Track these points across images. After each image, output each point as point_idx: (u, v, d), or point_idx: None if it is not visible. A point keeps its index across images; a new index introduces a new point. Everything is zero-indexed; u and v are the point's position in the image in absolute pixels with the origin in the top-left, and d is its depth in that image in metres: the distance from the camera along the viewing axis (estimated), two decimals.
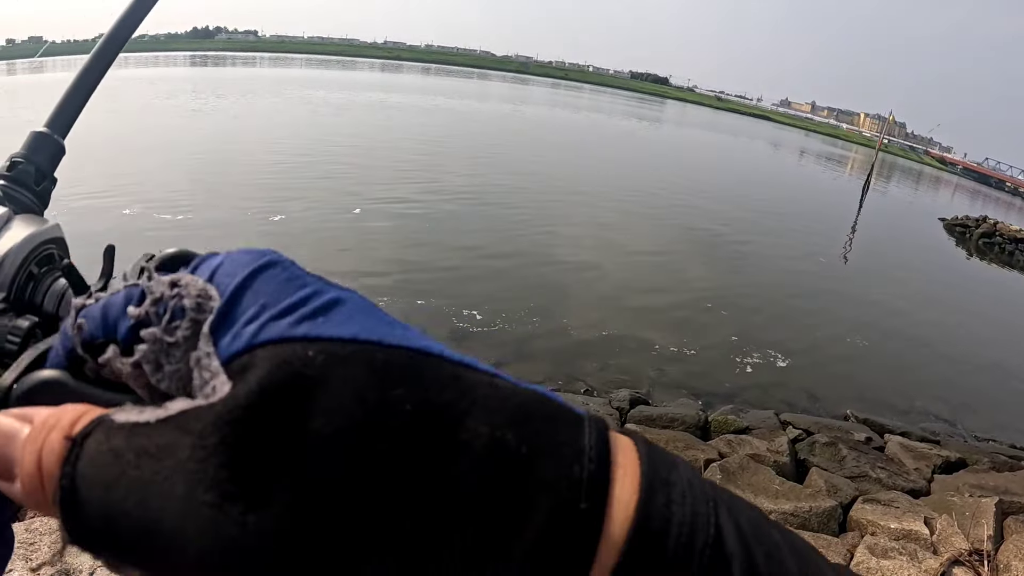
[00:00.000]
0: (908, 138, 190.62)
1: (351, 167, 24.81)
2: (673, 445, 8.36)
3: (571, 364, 11.66)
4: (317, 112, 40.72)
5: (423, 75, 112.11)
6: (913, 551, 6.31)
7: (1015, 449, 11.73)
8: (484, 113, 57.78)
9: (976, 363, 16.58)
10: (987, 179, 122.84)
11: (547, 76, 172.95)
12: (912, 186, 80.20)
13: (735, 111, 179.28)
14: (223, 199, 17.79)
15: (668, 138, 68.53)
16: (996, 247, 38.28)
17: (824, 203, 42.96)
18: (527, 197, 24.39)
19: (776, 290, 18.69)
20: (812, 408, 11.68)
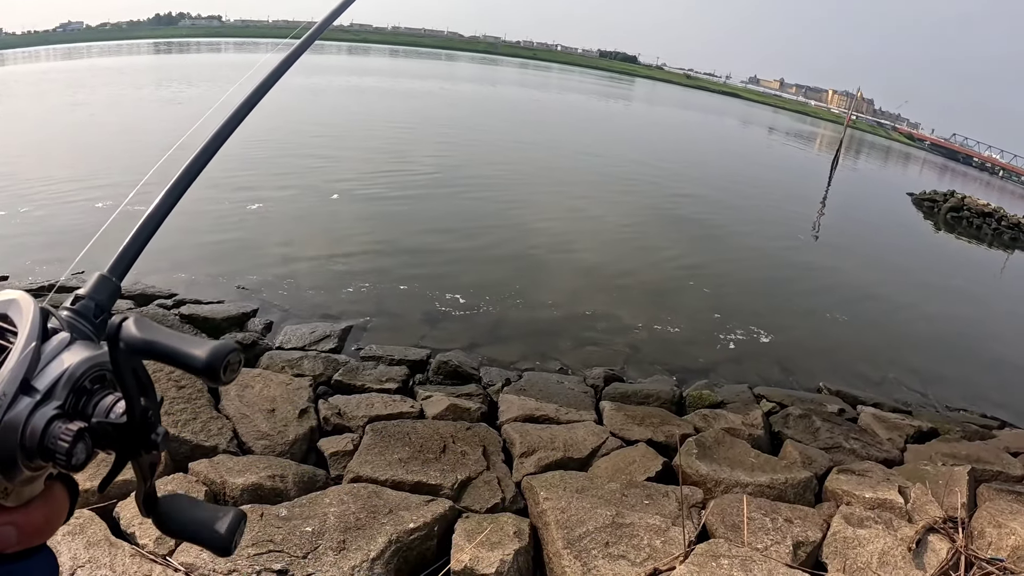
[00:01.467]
0: (876, 114, 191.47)
1: (327, 152, 24.61)
2: (649, 421, 8.34)
3: (546, 343, 11.60)
4: (289, 98, 40.32)
5: (391, 57, 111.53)
6: (888, 520, 6.31)
7: (986, 418, 11.83)
8: (454, 95, 57.51)
9: (946, 335, 16.72)
10: (955, 154, 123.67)
11: (515, 56, 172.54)
12: (881, 162, 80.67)
13: (704, 88, 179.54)
14: (196, 188, 17.42)
15: (638, 116, 68.59)
16: (964, 221, 38.65)
17: (793, 179, 43.13)
18: (502, 177, 24.30)
19: (749, 267, 18.72)
20: (786, 382, 11.70)
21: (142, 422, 0.85)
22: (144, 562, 4.58)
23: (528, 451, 7.05)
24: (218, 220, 15.29)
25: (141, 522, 4.94)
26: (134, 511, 5.04)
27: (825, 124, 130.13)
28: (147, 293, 10.61)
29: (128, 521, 4.98)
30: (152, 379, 0.89)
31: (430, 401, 8.16)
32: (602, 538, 5.53)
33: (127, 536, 4.90)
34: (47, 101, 35.43)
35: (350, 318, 11.21)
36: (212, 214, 15.62)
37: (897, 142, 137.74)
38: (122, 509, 5.09)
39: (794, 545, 5.81)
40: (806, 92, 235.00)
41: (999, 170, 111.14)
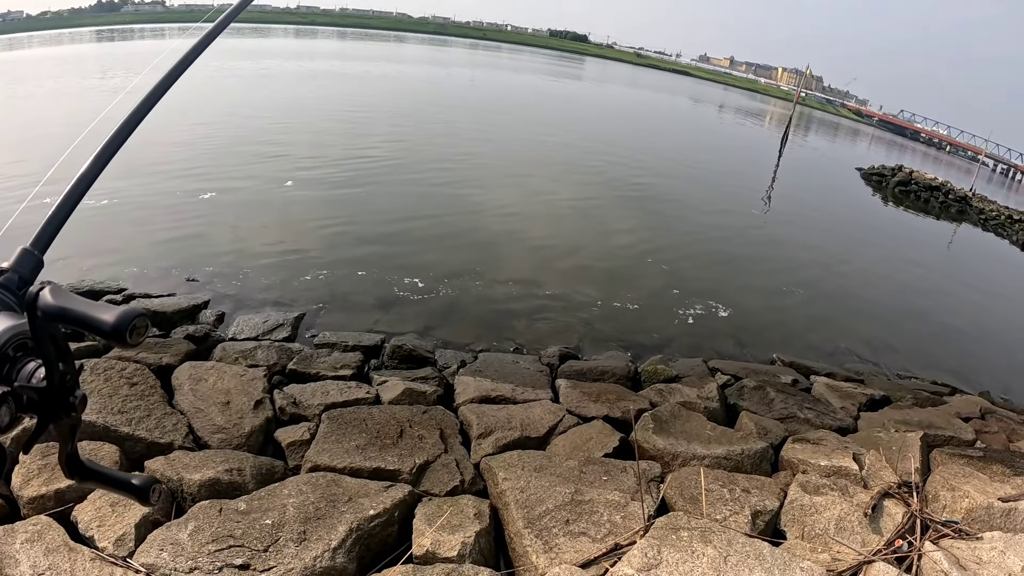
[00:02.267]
0: (825, 91, 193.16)
1: (279, 139, 24.22)
2: (605, 397, 8.36)
3: (501, 324, 11.59)
4: (239, 84, 39.76)
5: (340, 40, 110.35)
6: (844, 486, 6.38)
7: (936, 385, 12.05)
8: (406, 77, 57.07)
9: (896, 305, 16.97)
10: (903, 130, 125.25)
11: (465, 37, 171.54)
12: (830, 138, 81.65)
13: (655, 67, 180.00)
14: (148, 180, 17.16)
15: (589, 96, 68.50)
16: (912, 195, 39.39)
17: (744, 156, 43.51)
18: (454, 160, 24.13)
19: (701, 243, 18.83)
20: (739, 354, 11.82)
21: (61, 386, 0.90)
22: (105, 565, 4.50)
23: (485, 432, 7.04)
24: (168, 211, 15.02)
25: (100, 525, 4.86)
26: (92, 514, 4.97)
27: (775, 101, 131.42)
28: (96, 289, 10.39)
29: (86, 525, 4.89)
30: (70, 346, 0.95)
31: (386, 386, 8.12)
32: (562, 516, 5.54)
33: (86, 540, 4.81)
34: None
35: (303, 305, 11.09)
36: (162, 205, 15.37)
37: (846, 118, 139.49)
38: (79, 513, 5.00)
39: (752, 514, 5.86)
40: (756, 70, 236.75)
41: (946, 145, 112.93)
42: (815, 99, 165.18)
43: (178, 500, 5.53)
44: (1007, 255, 30.85)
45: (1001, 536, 5.83)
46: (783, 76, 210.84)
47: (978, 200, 40.71)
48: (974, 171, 53.39)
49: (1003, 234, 34.83)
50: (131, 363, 7.27)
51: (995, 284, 23.50)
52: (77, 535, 4.85)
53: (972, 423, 9.49)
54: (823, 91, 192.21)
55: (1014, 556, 5.51)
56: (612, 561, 4.98)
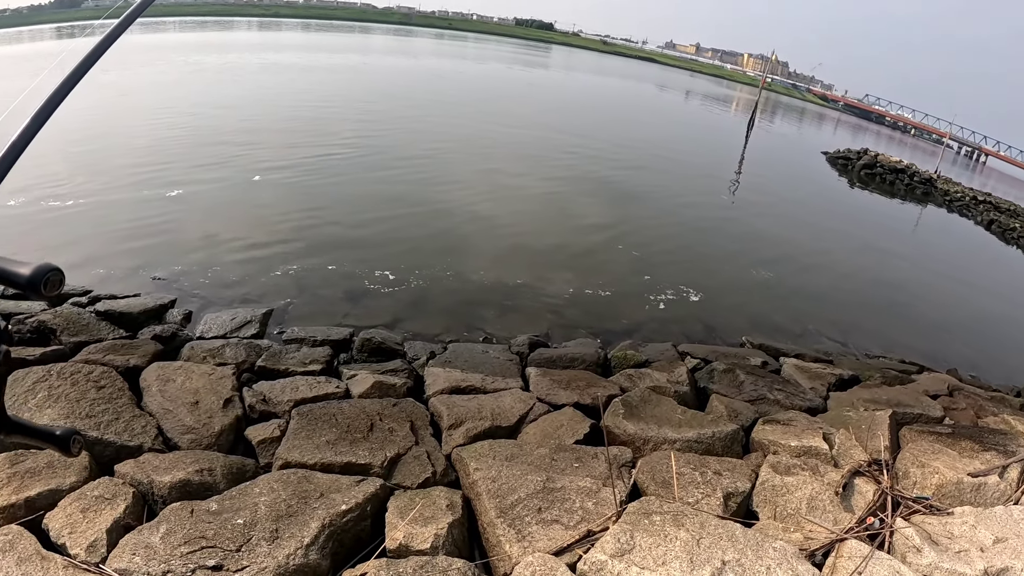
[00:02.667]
0: (791, 77, 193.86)
1: (248, 134, 23.94)
2: (575, 384, 8.37)
3: (470, 314, 11.57)
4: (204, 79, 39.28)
5: (304, 32, 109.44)
6: (815, 466, 6.43)
7: (904, 364, 12.17)
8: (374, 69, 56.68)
9: (863, 286, 17.16)
10: (868, 114, 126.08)
11: (431, 27, 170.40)
12: (796, 122, 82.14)
13: (621, 54, 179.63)
14: (112, 180, 16.93)
15: (555, 85, 68.41)
16: (877, 177, 39.81)
17: (711, 141, 43.74)
18: (422, 152, 24.00)
19: (669, 229, 18.90)
20: (709, 338, 11.88)
21: None
22: (77, 572, 4.45)
23: (456, 423, 7.02)
24: (133, 210, 14.78)
25: (71, 532, 4.79)
26: (63, 521, 4.91)
27: (741, 87, 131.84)
28: (61, 293, 10.26)
29: (58, 532, 4.82)
30: None
31: (355, 380, 8.08)
32: (535, 504, 5.54)
33: (58, 548, 4.75)
34: None
35: (271, 301, 11.00)
36: (127, 204, 15.13)
37: (812, 103, 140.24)
38: (50, 521, 4.93)
39: (724, 497, 5.90)
40: (722, 56, 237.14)
41: (911, 128, 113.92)
42: (781, 84, 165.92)
43: (149, 503, 5.48)
44: (972, 235, 31.24)
45: (972, 511, 5.91)
46: (749, 62, 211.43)
47: (943, 182, 41.20)
48: (939, 153, 53.90)
49: (968, 215, 35.35)
50: (98, 366, 7.19)
51: (961, 264, 23.82)
52: (49, 543, 4.78)
53: (940, 400, 9.60)
54: (789, 76, 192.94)
55: (985, 530, 5.58)
56: (585, 548, 4.99)
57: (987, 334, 15.93)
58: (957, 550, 5.35)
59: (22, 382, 6.54)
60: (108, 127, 22.60)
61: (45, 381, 6.63)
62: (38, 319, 8.69)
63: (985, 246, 29.50)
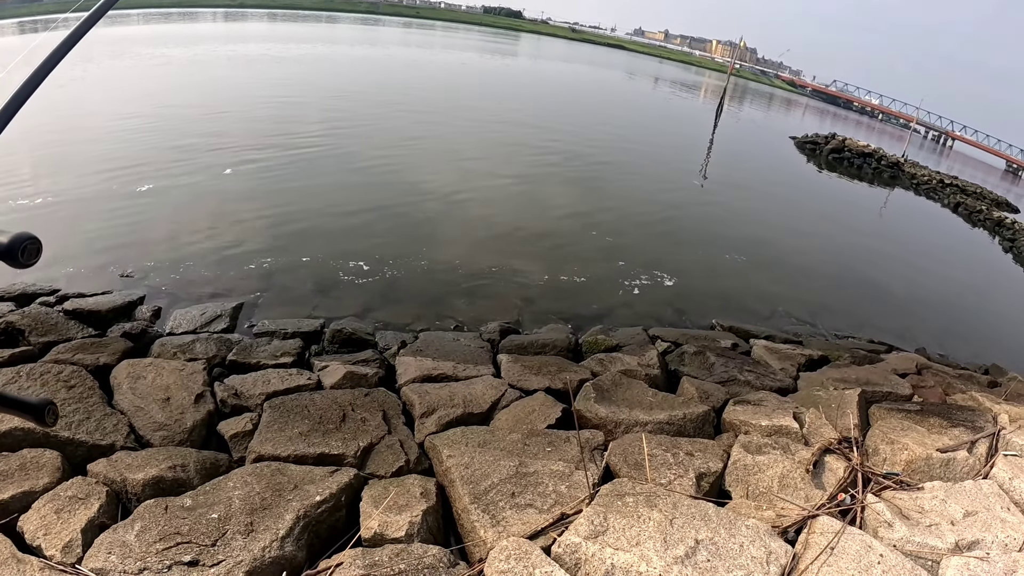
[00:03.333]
0: (759, 63, 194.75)
1: (214, 127, 23.64)
2: (546, 370, 8.40)
3: (441, 303, 11.56)
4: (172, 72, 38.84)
5: (271, 22, 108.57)
6: (786, 445, 6.50)
7: (872, 343, 12.32)
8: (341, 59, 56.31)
9: (832, 268, 17.33)
10: (836, 100, 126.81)
11: (398, 16, 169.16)
12: (764, 108, 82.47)
13: (590, 42, 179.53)
14: (80, 176, 16.71)
15: (523, 73, 68.30)
16: (845, 162, 40.16)
17: (680, 127, 43.90)
18: (391, 143, 23.87)
19: (639, 215, 18.96)
20: (679, 321, 11.96)
21: None
22: (54, 573, 4.42)
23: (428, 411, 7.03)
24: (101, 207, 14.58)
25: (46, 533, 4.77)
26: (37, 523, 4.88)
27: (710, 73, 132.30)
28: (28, 292, 10.08)
29: (33, 534, 4.79)
30: None
31: (326, 371, 8.07)
32: (508, 489, 5.56)
33: (33, 550, 4.72)
34: None
35: (241, 295, 10.93)
36: (95, 201, 14.93)
37: (780, 89, 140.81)
38: (25, 523, 4.89)
39: (697, 477, 5.95)
40: (691, 43, 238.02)
41: (878, 113, 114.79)
42: (749, 71, 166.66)
43: (123, 501, 5.46)
44: (939, 217, 31.60)
45: (942, 485, 6.00)
46: (717, 49, 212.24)
47: (910, 166, 41.63)
48: (906, 138, 54.38)
49: (935, 198, 35.76)
50: (68, 365, 7.13)
51: (928, 246, 24.10)
52: (24, 545, 4.75)
53: (909, 379, 9.73)
54: (757, 63, 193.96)
55: (955, 504, 5.67)
56: (560, 531, 5.01)
57: (954, 314, 16.15)
58: (928, 524, 5.43)
59: None
60: (74, 123, 22.28)
61: (14, 383, 6.58)
62: (6, 320, 8.60)
63: (952, 228, 29.83)
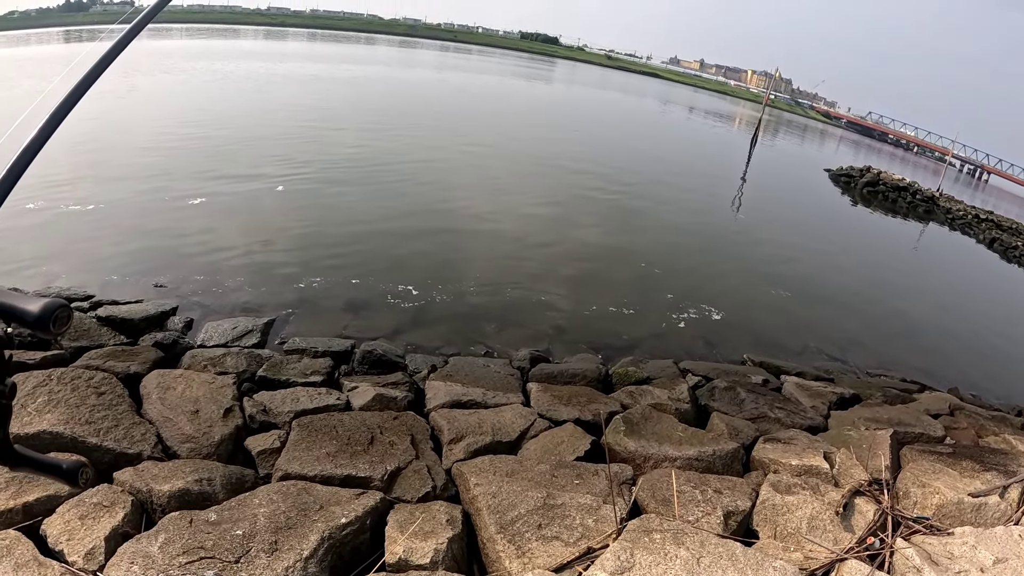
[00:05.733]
0: (794, 94, 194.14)
1: (272, 145, 23.91)
2: (576, 400, 8.36)
3: (472, 327, 11.56)
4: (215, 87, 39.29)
5: (310, 42, 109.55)
6: (815, 485, 6.42)
7: (905, 382, 12.16)
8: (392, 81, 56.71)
9: (864, 303, 17.14)
10: (870, 132, 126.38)
11: (436, 39, 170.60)
12: (799, 139, 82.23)
13: (626, 69, 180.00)
14: (133, 184, 16.93)
15: (558, 99, 68.53)
16: (880, 195, 39.79)
17: (714, 157, 43.76)
18: (428, 164, 24.00)
19: (671, 244, 18.93)
20: (709, 355, 11.86)
21: None
22: None
23: (457, 437, 7.01)
24: (143, 216, 14.77)
25: (69, 539, 4.78)
26: (61, 528, 4.89)
27: (744, 103, 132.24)
28: (63, 295, 10.26)
29: (55, 539, 4.80)
30: None
31: (356, 392, 8.07)
32: (535, 520, 5.53)
33: (55, 554, 4.72)
34: None
35: (273, 311, 10.99)
36: (137, 210, 15.15)
37: (815, 120, 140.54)
38: (48, 527, 4.91)
39: (725, 515, 5.88)
40: (726, 72, 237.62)
41: (913, 146, 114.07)
42: (784, 101, 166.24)
43: (148, 511, 5.46)
44: (974, 253, 31.26)
45: (972, 531, 5.89)
46: (753, 78, 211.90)
47: (945, 200, 41.22)
48: (941, 171, 53.95)
49: (970, 233, 35.31)
50: (98, 372, 7.17)
51: (962, 282, 23.82)
52: (47, 549, 4.76)
53: (941, 420, 9.58)
54: (792, 93, 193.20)
55: (985, 550, 5.57)
56: (585, 565, 4.98)
57: (988, 353, 15.91)
58: (957, 570, 5.33)
59: (22, 386, 6.50)
60: (121, 134, 22.65)
61: (45, 386, 6.62)
62: None
63: (987, 264, 29.50)
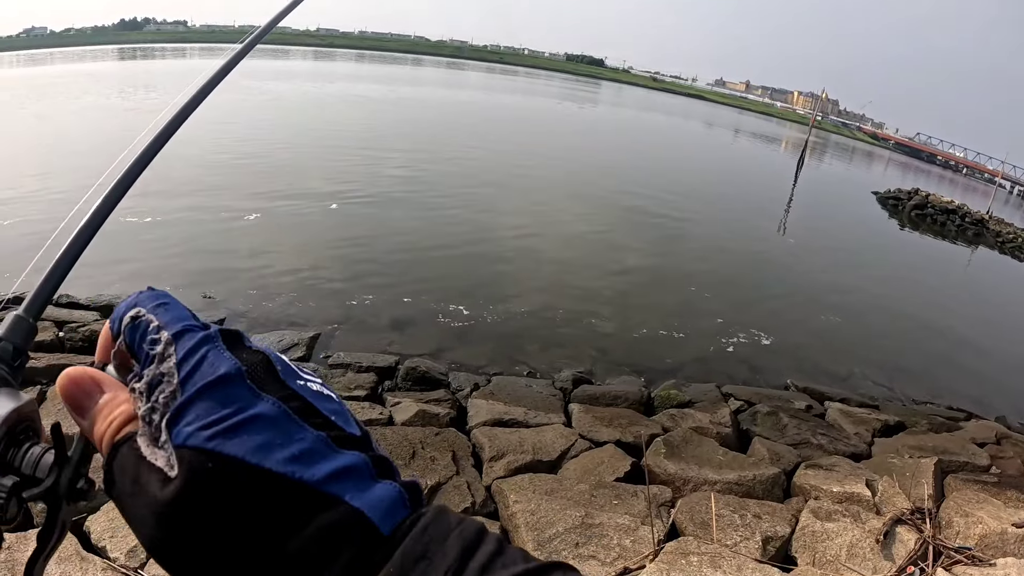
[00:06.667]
0: (841, 115, 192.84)
1: (319, 162, 24.41)
2: (617, 422, 8.37)
3: (515, 347, 11.60)
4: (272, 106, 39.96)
5: (358, 63, 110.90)
6: (856, 512, 6.37)
7: (951, 410, 11.97)
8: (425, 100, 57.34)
9: (911, 329, 16.91)
10: (919, 153, 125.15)
11: (482, 60, 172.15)
12: (846, 161, 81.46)
13: (670, 91, 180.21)
14: (190, 200, 17.31)
15: (604, 120, 68.69)
16: (928, 218, 39.15)
17: (760, 179, 43.49)
18: (476, 184, 24.24)
19: (715, 267, 18.83)
20: (752, 379, 11.78)
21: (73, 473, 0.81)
22: (116, 575, 4.54)
23: (497, 455, 7.05)
24: (198, 229, 15.19)
25: (112, 536, 4.88)
26: (104, 525, 5.00)
27: (791, 125, 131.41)
28: (113, 303, 10.47)
29: (99, 535, 4.92)
30: None
31: (399, 407, 8.15)
32: (572, 539, 5.55)
33: (98, 550, 4.84)
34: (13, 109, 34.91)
35: (318, 325, 11.14)
36: (199, 223, 15.54)
37: (862, 142, 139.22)
38: (92, 523, 5.03)
39: (763, 540, 5.86)
40: (772, 94, 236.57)
41: (962, 167, 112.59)
42: (831, 122, 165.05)
43: None
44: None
45: (1015, 562, 5.82)
46: (799, 100, 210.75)
47: (995, 223, 40.46)
48: (991, 193, 53.11)
49: (1020, 257, 34.62)
50: None
51: (1011, 308, 23.38)
52: (89, 545, 4.88)
53: (987, 448, 9.44)
54: (839, 114, 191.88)
55: None
56: None
57: None
58: None
59: None
60: (183, 150, 23.08)
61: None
62: (90, 328, 8.93)
63: None
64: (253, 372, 0.65)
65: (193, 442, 0.60)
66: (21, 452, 0.81)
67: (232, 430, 0.60)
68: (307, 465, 0.60)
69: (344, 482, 0.60)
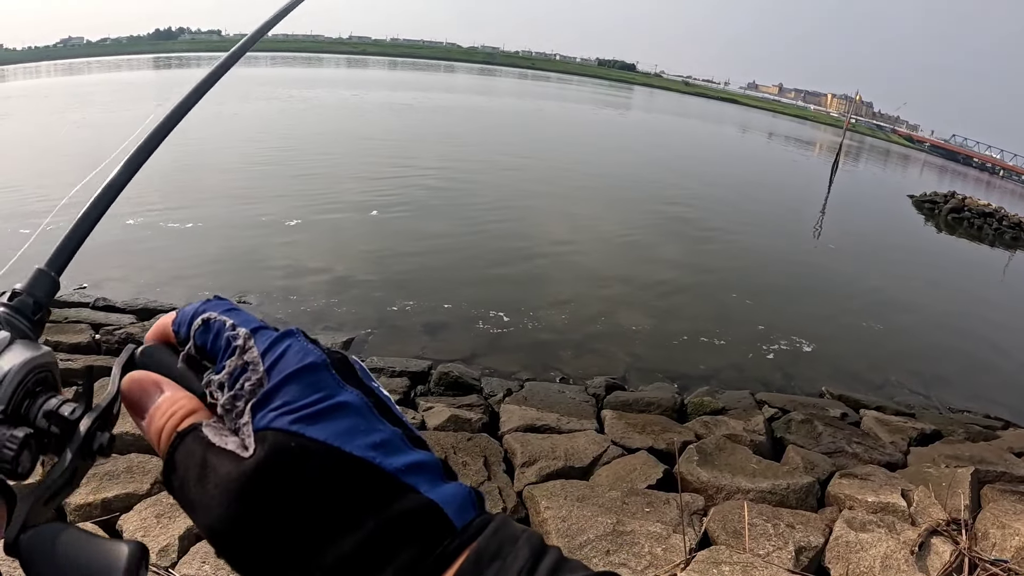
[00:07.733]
0: (875, 117, 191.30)
1: (360, 169, 24.61)
2: (650, 428, 8.35)
3: (547, 353, 11.61)
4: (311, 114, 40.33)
5: (390, 70, 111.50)
6: (891, 523, 6.31)
7: (989, 419, 11.81)
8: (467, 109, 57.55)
9: (948, 336, 16.71)
10: (954, 155, 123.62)
11: (514, 66, 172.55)
12: (880, 164, 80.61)
13: (703, 95, 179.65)
14: (228, 205, 17.55)
15: (636, 124, 68.57)
16: (965, 222, 38.59)
17: (794, 183, 43.22)
18: (512, 189, 24.34)
19: (749, 272, 18.72)
20: (787, 386, 11.70)
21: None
22: (148, 575, 4.59)
23: (529, 461, 7.05)
24: (254, 236, 15.35)
25: (144, 535, 4.94)
26: (137, 524, 5.07)
27: (824, 127, 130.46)
28: (149, 307, 10.61)
29: (131, 534, 4.96)
30: None
31: (431, 412, 8.17)
32: (603, 546, 5.55)
33: None
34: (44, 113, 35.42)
35: (352, 330, 11.22)
36: (247, 229, 15.70)
37: (896, 144, 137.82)
38: (125, 522, 5.10)
39: (796, 550, 5.82)
40: (805, 96, 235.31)
41: (999, 170, 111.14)
42: (865, 125, 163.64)
43: None
44: None
45: None
46: (832, 103, 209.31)
47: None
48: None
49: None
50: None
51: None
52: None
53: None
54: (873, 117, 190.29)
55: None
56: None
57: None
58: None
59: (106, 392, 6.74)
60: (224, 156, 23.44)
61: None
62: (126, 331, 9.05)
63: None
64: (337, 366, 0.68)
65: (277, 424, 0.62)
66: (37, 404, 0.80)
67: (317, 416, 0.62)
68: (387, 455, 0.63)
69: (419, 475, 0.63)
